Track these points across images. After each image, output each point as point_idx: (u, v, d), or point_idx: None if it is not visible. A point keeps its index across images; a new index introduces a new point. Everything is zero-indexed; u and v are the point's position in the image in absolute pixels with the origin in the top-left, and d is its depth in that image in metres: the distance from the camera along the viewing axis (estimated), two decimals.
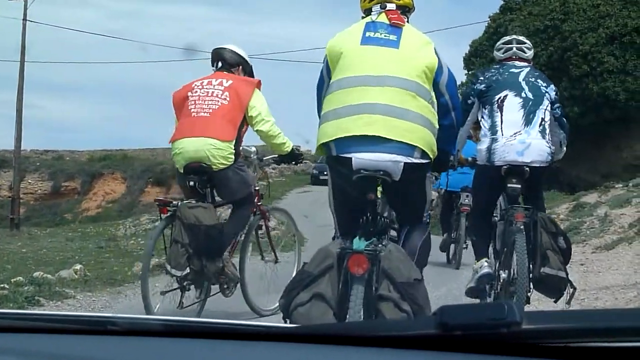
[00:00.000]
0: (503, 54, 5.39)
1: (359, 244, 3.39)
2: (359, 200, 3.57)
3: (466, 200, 9.64)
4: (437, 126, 3.66)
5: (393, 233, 3.85)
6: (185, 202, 5.04)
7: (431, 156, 3.60)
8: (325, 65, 3.82)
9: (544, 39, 23.41)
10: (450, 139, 3.97)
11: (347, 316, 3.27)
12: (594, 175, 21.14)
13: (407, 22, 3.81)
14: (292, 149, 5.55)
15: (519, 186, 4.91)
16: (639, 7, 21.30)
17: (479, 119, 5.17)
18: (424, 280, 3.45)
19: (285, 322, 3.33)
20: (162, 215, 5.06)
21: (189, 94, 5.22)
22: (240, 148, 5.29)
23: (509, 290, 4.76)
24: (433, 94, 3.67)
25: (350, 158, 3.49)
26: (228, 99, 5.14)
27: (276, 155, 5.78)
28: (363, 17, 3.85)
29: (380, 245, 3.41)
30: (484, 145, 5.02)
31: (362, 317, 3.23)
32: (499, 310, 1.14)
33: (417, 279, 3.34)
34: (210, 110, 5.10)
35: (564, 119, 5.31)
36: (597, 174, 21.46)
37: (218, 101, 5.13)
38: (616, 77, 20.75)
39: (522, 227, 4.77)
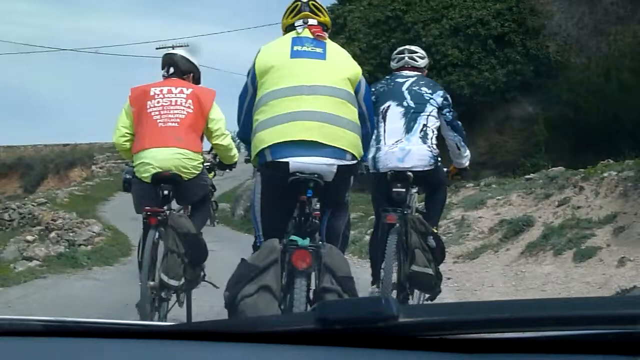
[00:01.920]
0: (396, 63, 5.79)
1: (303, 241, 3.72)
2: (292, 202, 3.90)
3: (317, 206, 10.39)
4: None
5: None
6: (173, 211, 5.23)
7: (358, 158, 4.07)
8: (252, 77, 4.17)
9: (386, 31, 23.04)
10: (365, 146, 4.34)
11: (293, 307, 3.50)
12: None
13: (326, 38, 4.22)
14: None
15: (403, 190, 5.29)
16: None
17: None
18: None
19: (229, 315, 3.46)
20: (149, 224, 5.06)
21: (149, 102, 5.26)
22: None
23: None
24: (359, 101, 4.15)
25: (287, 162, 3.84)
26: (192, 107, 5.27)
27: (214, 161, 6.13)
28: (285, 33, 4.33)
29: (321, 243, 3.83)
30: (370, 154, 5.36)
31: (306, 308, 3.51)
32: (376, 305, 1.21)
33: (351, 277, 3.68)
34: (178, 120, 5.22)
35: (458, 122, 5.69)
36: None
37: (183, 110, 5.25)
38: (461, 70, 20.77)
39: (394, 227, 5.10)
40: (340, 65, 4.10)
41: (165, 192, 5.14)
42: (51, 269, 10.85)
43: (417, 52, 5.78)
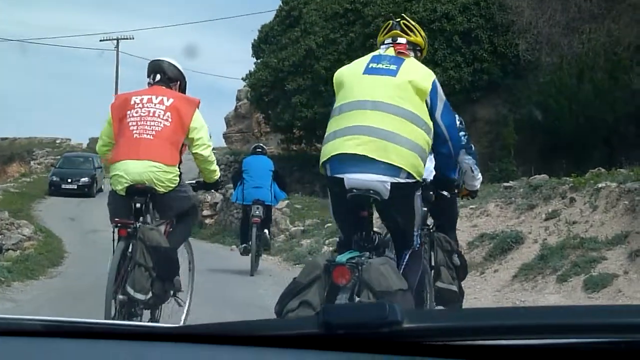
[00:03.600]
0: None
1: (341, 257, 3.96)
2: (354, 216, 4.18)
3: (256, 212, 10.97)
4: (429, 151, 4.22)
5: (392, 256, 4.35)
6: (144, 224, 5.20)
7: (417, 177, 4.12)
8: (333, 93, 4.48)
9: (344, 24, 22.45)
10: (449, 166, 4.60)
11: None
12: None
13: (415, 57, 4.41)
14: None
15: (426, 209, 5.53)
16: None
17: None
18: (410, 292, 3.99)
19: None
20: (119, 236, 5.13)
21: (129, 112, 5.28)
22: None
23: None
24: (430, 122, 4.18)
25: (343, 178, 4.05)
26: (170, 119, 5.26)
27: (194, 182, 6.12)
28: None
29: (362, 259, 3.97)
30: None
31: None
32: (380, 310, 1.22)
33: (400, 289, 3.83)
34: (154, 132, 5.20)
35: (471, 146, 6.02)
36: None
37: (160, 122, 5.22)
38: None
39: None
40: (409, 84, 4.17)
41: (138, 205, 5.20)
42: None
43: None
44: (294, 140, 26.66)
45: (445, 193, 4.91)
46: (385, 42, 4.43)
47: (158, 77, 5.48)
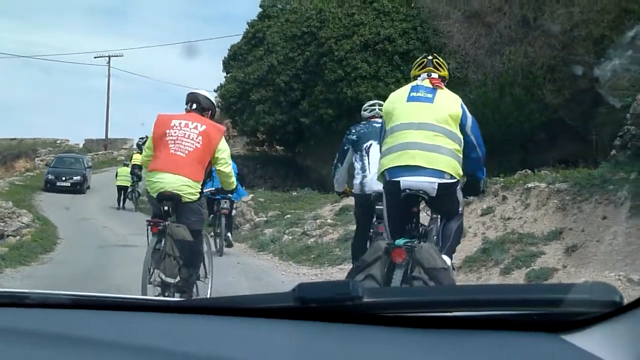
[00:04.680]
0: (369, 113, 6.55)
1: (399, 241, 4.29)
2: (406, 212, 4.58)
3: (225, 205, 11.45)
4: (462, 157, 4.63)
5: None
6: (172, 222, 5.50)
7: (457, 177, 4.60)
8: (383, 126, 4.92)
9: (301, 45, 22.38)
10: (479, 168, 4.93)
11: None
12: None
13: (444, 86, 4.89)
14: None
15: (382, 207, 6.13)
16: (391, 17, 20.79)
17: (353, 161, 6.33)
18: (451, 268, 4.40)
19: None
20: (152, 232, 5.55)
21: (168, 131, 5.58)
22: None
23: None
24: (461, 135, 4.64)
25: (399, 181, 4.52)
26: (201, 143, 5.56)
27: (214, 188, 6.76)
28: (413, 80, 4.91)
29: (415, 242, 4.33)
30: (357, 180, 6.25)
31: None
32: (345, 287, 1.27)
33: (443, 268, 4.11)
34: (186, 152, 5.51)
35: None
36: None
37: (193, 144, 5.53)
38: (369, 82, 20.77)
39: (382, 235, 5.77)
40: (443, 108, 4.64)
41: (166, 208, 5.53)
42: None
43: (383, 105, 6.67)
44: (257, 143, 26.94)
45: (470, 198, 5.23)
46: (420, 76, 4.87)
47: (194, 106, 5.77)
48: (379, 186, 5.80)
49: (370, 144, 6.09)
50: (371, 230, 6.32)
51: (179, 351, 1.19)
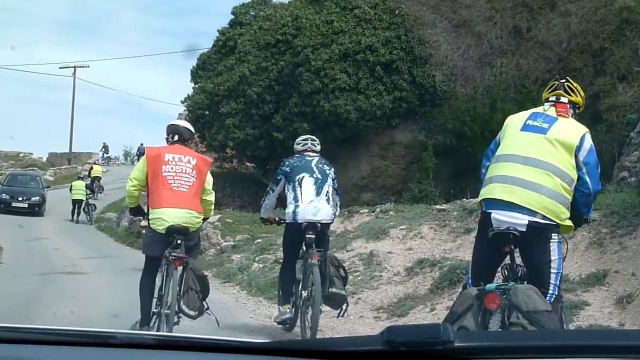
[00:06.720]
0: (302, 147, 6.96)
1: (490, 286, 4.00)
2: (495, 251, 4.30)
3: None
4: (570, 198, 4.35)
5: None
6: (192, 258, 5.82)
7: (554, 220, 4.26)
8: (499, 137, 4.66)
9: (275, 54, 21.04)
10: (587, 203, 4.53)
11: None
12: None
13: (573, 114, 4.64)
14: None
15: (314, 236, 6.40)
16: (373, 25, 19.58)
17: (286, 191, 6.71)
18: (554, 312, 3.93)
19: None
20: (174, 266, 5.64)
21: (164, 167, 5.83)
22: None
23: (307, 303, 6.26)
24: (574, 172, 4.36)
25: (490, 213, 4.33)
26: (195, 176, 5.89)
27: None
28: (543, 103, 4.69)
29: (509, 284, 4.03)
30: (290, 209, 6.56)
31: None
32: (435, 331, 1.25)
33: (546, 310, 3.80)
34: (187, 187, 5.81)
35: (338, 189, 6.93)
36: None
37: (190, 179, 5.85)
38: (348, 94, 19.20)
39: (316, 262, 6.21)
40: (557, 140, 4.39)
41: (178, 241, 5.77)
42: None
43: (316, 140, 7.03)
44: (226, 159, 25.70)
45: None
46: (550, 100, 4.59)
47: (176, 137, 6.08)
48: (310, 216, 6.40)
49: (303, 177, 6.57)
50: (300, 259, 6.58)
51: None
